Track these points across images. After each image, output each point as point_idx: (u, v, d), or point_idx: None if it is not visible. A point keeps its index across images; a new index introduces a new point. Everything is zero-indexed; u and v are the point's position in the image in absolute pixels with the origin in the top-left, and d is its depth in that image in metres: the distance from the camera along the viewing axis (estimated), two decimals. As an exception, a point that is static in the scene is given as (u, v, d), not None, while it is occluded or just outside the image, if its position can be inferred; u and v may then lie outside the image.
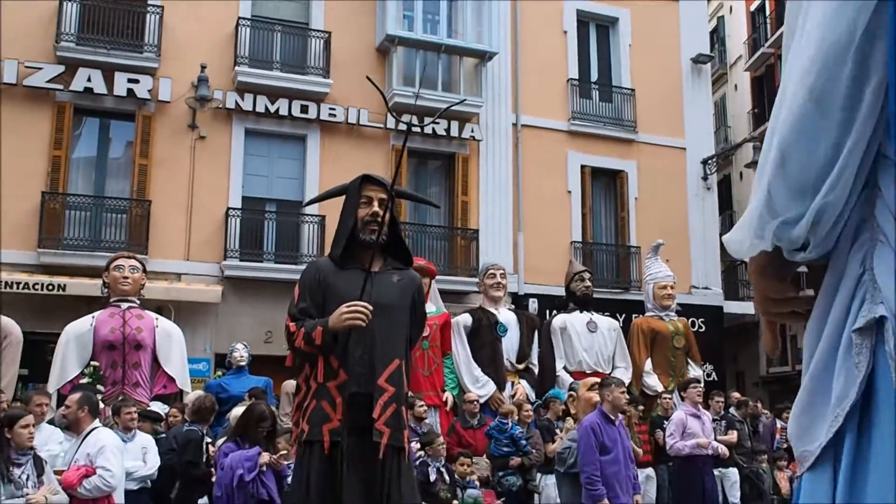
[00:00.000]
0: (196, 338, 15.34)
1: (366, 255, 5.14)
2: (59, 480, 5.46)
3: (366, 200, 5.23)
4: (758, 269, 1.58)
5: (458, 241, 18.85)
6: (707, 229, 21.84)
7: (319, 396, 4.91)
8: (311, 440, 4.82)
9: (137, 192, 16.77)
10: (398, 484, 4.91)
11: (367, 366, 4.93)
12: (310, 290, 5.12)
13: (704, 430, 8.57)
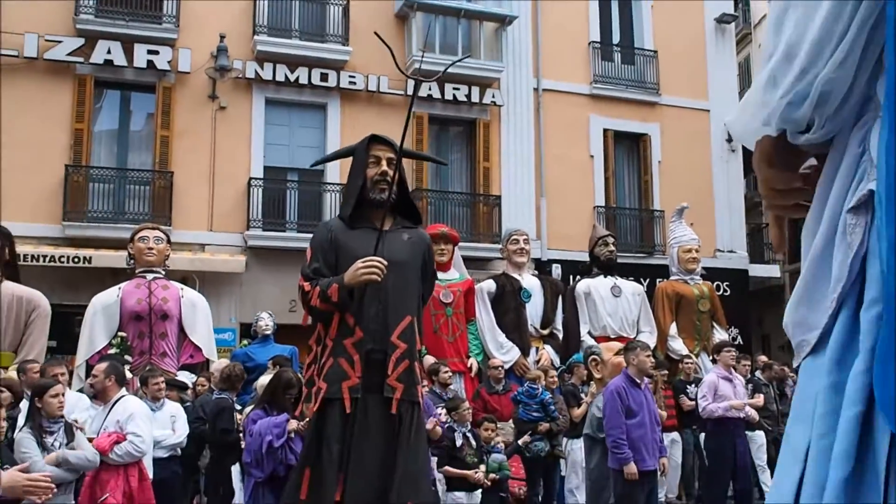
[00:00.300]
0: (221, 308, 15.44)
1: (376, 214, 5.20)
2: None
3: (374, 160, 5.26)
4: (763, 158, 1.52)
5: (480, 207, 18.79)
6: (732, 192, 21.64)
7: (336, 354, 4.96)
8: (331, 398, 4.88)
9: (160, 164, 16.82)
10: (411, 438, 4.97)
11: (382, 323, 5.00)
12: (322, 251, 5.14)
13: (736, 393, 8.51)
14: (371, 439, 4.87)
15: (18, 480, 3.39)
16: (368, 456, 4.85)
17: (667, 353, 11.65)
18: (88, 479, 5.58)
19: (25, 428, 5.02)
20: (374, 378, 4.91)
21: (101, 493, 5.56)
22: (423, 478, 5.11)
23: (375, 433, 4.88)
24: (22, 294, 7.94)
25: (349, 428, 4.86)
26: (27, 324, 7.93)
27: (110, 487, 5.61)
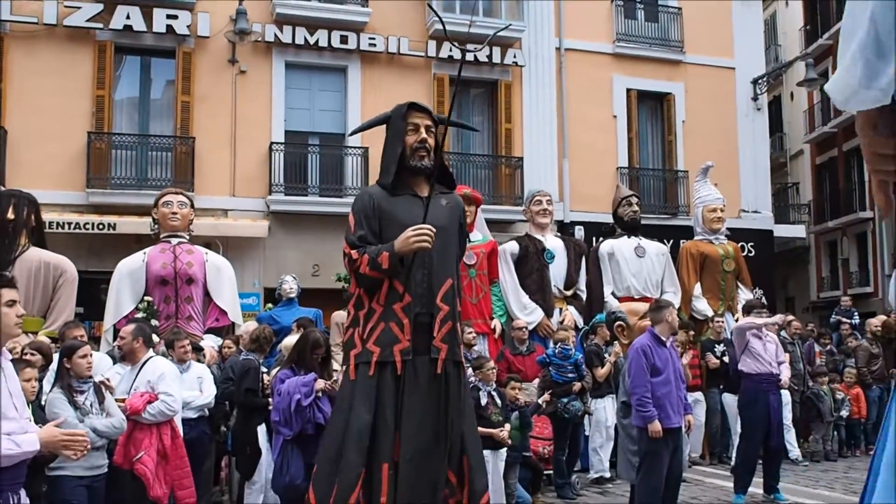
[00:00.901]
0: (244, 273, 15.52)
1: (415, 180, 5.38)
2: (124, 407, 5.59)
3: (413, 128, 5.38)
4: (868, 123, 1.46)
5: (502, 169, 18.70)
6: (757, 152, 21.39)
7: (386, 319, 5.10)
8: (383, 361, 5.03)
9: (181, 130, 16.84)
10: (458, 397, 5.17)
11: (427, 286, 5.16)
12: (366, 218, 5.27)
13: (767, 351, 8.44)
14: (421, 399, 5.03)
15: (56, 435, 3.43)
16: (419, 415, 5.00)
17: (691, 314, 11.61)
18: (122, 437, 5.65)
19: (56, 388, 5.07)
20: (421, 340, 5.08)
21: (135, 452, 5.64)
22: (472, 435, 5.28)
23: (424, 393, 5.04)
24: (49, 260, 8.02)
25: (401, 390, 5.02)
26: (55, 289, 8.02)
27: (144, 446, 5.69)
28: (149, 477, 5.61)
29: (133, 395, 5.70)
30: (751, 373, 8.34)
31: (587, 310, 10.98)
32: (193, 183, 16.14)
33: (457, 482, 5.11)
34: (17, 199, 8.00)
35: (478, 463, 5.21)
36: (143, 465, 5.62)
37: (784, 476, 9.24)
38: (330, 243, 16.82)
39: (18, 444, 3.24)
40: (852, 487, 9.14)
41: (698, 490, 9.01)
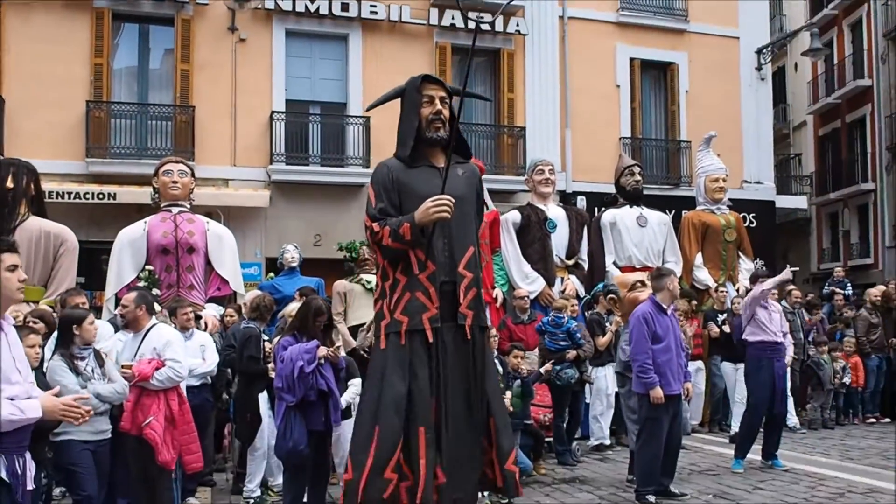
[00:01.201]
0: (246, 242, 15.52)
1: (431, 152, 5.49)
2: (130, 374, 5.61)
3: (428, 100, 5.49)
4: None
5: (504, 139, 18.63)
6: (760, 122, 21.29)
7: (412, 289, 5.27)
8: (412, 329, 5.19)
9: (181, 99, 16.75)
10: (484, 361, 5.36)
11: (449, 255, 5.32)
12: (385, 191, 5.42)
13: (772, 320, 8.44)
14: (452, 365, 5.22)
15: (55, 404, 3.44)
16: (453, 380, 5.20)
17: (692, 283, 11.62)
18: (130, 404, 5.68)
19: (56, 356, 5.08)
20: (447, 308, 5.25)
21: (143, 418, 5.67)
22: (497, 397, 5.48)
23: (455, 359, 5.24)
24: (49, 229, 8.01)
25: (431, 356, 5.19)
26: (55, 258, 8.02)
27: (153, 411, 5.71)
28: (158, 442, 5.65)
29: (140, 362, 5.72)
30: (756, 341, 8.36)
31: (589, 279, 10.99)
32: (194, 152, 16.08)
33: (486, 443, 5.29)
34: (17, 167, 7.99)
35: (504, 424, 5.37)
36: (152, 430, 5.66)
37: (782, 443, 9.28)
38: (332, 213, 16.84)
39: (22, 409, 3.26)
40: (849, 454, 9.21)
41: (697, 457, 9.07)
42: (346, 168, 17.25)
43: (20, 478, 3.32)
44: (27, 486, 3.39)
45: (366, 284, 10.12)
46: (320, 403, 5.97)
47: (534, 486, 7.54)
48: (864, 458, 8.91)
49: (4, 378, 3.23)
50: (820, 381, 11.38)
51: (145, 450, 5.70)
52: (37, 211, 8.05)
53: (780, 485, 7.50)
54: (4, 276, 3.38)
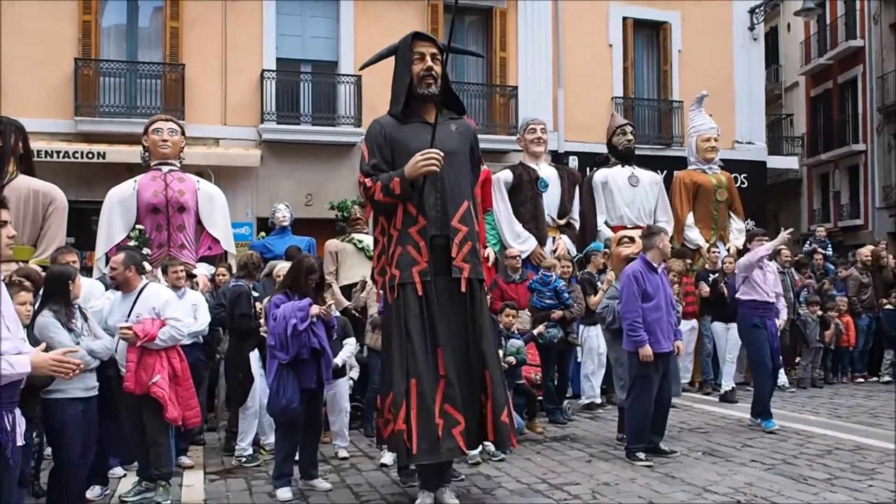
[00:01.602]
0: (237, 202, 15.45)
1: (424, 108, 5.62)
2: (132, 335, 5.65)
3: (418, 57, 5.60)
4: None
5: (496, 98, 18.52)
6: (752, 82, 21.18)
7: (403, 243, 5.45)
8: (404, 283, 5.38)
9: (170, 57, 16.56)
10: (481, 313, 5.50)
11: (441, 209, 5.46)
12: (378, 147, 5.56)
13: (766, 280, 8.46)
14: (448, 317, 5.38)
15: (45, 359, 3.44)
16: (451, 332, 5.37)
17: (683, 243, 11.64)
18: (133, 364, 5.71)
19: (46, 312, 5.05)
20: (441, 261, 5.41)
21: (147, 377, 5.72)
22: (492, 352, 5.59)
23: (451, 311, 5.40)
24: (38, 188, 7.94)
25: (425, 308, 5.34)
26: (45, 217, 7.96)
27: (157, 370, 5.76)
28: (166, 399, 5.73)
29: (144, 322, 5.73)
30: (748, 300, 8.39)
31: (580, 239, 11.00)
32: (184, 111, 15.94)
33: (482, 396, 5.44)
34: (4, 126, 7.90)
35: (499, 378, 5.50)
36: (160, 388, 5.73)
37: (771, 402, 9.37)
38: (323, 172, 16.76)
39: (12, 364, 3.25)
40: (836, 412, 9.31)
41: (687, 415, 9.16)
42: (338, 127, 17.14)
43: (9, 434, 3.32)
44: (17, 443, 3.38)
45: (357, 244, 10.12)
46: (312, 361, 5.98)
47: (525, 444, 7.61)
48: (852, 417, 9.01)
49: (-5, 334, 3.23)
50: (805, 340, 11.46)
51: (149, 408, 5.77)
52: (25, 170, 7.97)
53: (768, 442, 7.58)
54: (-6, 232, 3.35)
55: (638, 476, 6.36)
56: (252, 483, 6.46)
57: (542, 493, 5.89)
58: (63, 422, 5.05)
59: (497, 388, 5.41)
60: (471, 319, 5.43)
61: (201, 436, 8.02)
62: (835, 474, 6.28)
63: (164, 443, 5.95)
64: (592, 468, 6.69)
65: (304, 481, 6.21)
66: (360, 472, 6.69)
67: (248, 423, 7.15)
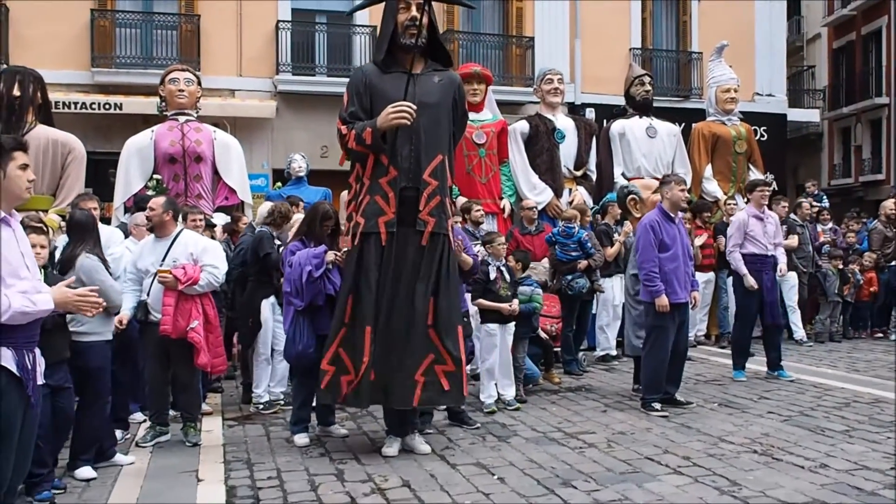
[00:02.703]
0: (253, 154, 15.41)
1: (407, 58, 5.58)
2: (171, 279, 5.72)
3: (404, 6, 5.58)
4: None
5: (512, 49, 18.32)
6: (773, 34, 20.85)
7: (373, 192, 5.48)
8: (368, 232, 5.43)
9: (186, 7, 16.47)
10: (447, 261, 5.55)
11: (414, 161, 5.47)
12: (357, 95, 5.58)
13: (767, 232, 8.41)
14: (405, 269, 5.42)
15: (69, 295, 3.46)
16: (403, 284, 5.41)
17: (701, 195, 11.55)
18: (171, 308, 5.77)
19: (89, 254, 5.10)
20: (408, 213, 5.43)
21: (185, 322, 5.80)
22: (453, 305, 5.62)
23: (409, 263, 5.43)
24: (57, 137, 7.96)
25: (385, 259, 5.40)
26: (63, 167, 7.99)
27: (194, 316, 5.85)
28: (203, 344, 5.84)
29: (184, 266, 5.81)
30: (745, 253, 8.34)
31: (597, 190, 10.93)
32: (200, 62, 15.89)
33: (444, 351, 5.49)
34: (23, 76, 7.90)
35: (457, 336, 5.55)
36: (197, 333, 5.83)
37: (788, 355, 9.39)
38: (338, 125, 16.67)
39: (34, 301, 3.28)
40: (854, 366, 9.28)
41: (703, 368, 9.16)
42: (353, 79, 17.02)
43: (30, 372, 3.36)
44: (37, 381, 3.43)
45: (373, 194, 10.12)
46: (327, 308, 5.99)
47: (541, 394, 7.66)
48: (870, 370, 8.98)
49: (13, 273, 3.24)
50: (825, 293, 11.39)
51: (181, 353, 5.88)
52: (44, 120, 7.98)
53: (785, 394, 7.58)
54: (16, 173, 3.36)
55: (653, 426, 6.39)
56: (269, 429, 6.53)
57: (557, 442, 5.93)
58: (100, 364, 5.20)
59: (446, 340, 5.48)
60: (429, 271, 5.46)
61: (219, 384, 8.11)
62: (853, 426, 6.28)
63: (196, 387, 6.13)
64: (608, 418, 6.72)
65: (322, 427, 6.27)
66: (375, 419, 6.74)
67: (261, 369, 7.21)
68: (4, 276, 3.20)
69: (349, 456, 5.65)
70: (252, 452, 5.79)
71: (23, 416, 3.33)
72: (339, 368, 5.49)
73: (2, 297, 3.16)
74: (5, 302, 3.17)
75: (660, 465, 5.25)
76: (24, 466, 3.44)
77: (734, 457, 5.42)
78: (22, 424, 3.32)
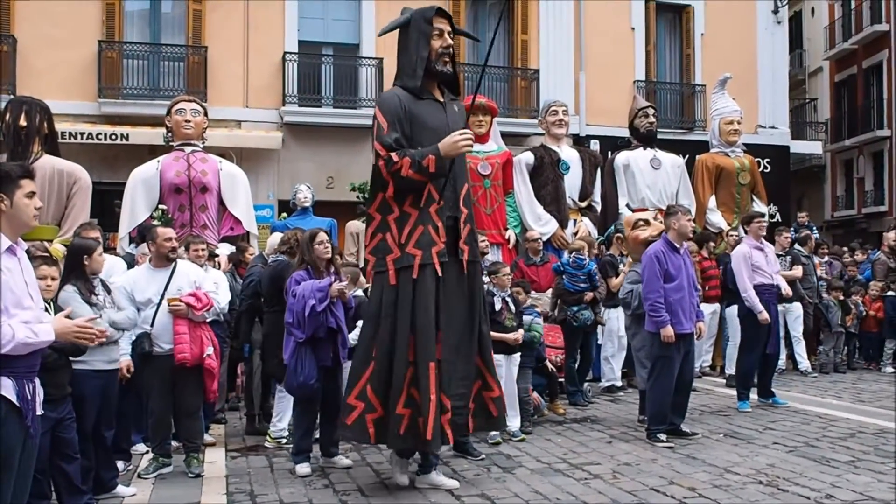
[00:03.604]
0: (259, 184, 15.51)
1: (432, 85, 5.58)
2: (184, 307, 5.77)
3: (438, 32, 5.55)
4: None
5: (518, 81, 18.44)
6: (776, 66, 20.97)
7: (424, 222, 5.35)
8: (424, 263, 5.28)
9: (193, 39, 16.62)
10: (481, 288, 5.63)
11: (452, 190, 5.46)
12: (398, 121, 5.42)
13: (768, 261, 8.42)
14: (455, 298, 5.38)
15: (68, 326, 3.46)
16: (455, 313, 5.37)
17: (705, 226, 11.56)
18: (185, 336, 5.81)
19: (69, 286, 5.09)
20: (451, 242, 5.42)
21: (199, 350, 5.86)
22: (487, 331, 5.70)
23: (457, 293, 5.40)
24: (63, 167, 7.97)
25: (440, 290, 5.31)
26: (69, 197, 7.99)
27: (206, 343, 5.92)
28: (217, 371, 5.95)
29: (194, 293, 5.87)
30: (755, 284, 8.33)
31: (602, 221, 10.96)
32: (206, 93, 16.00)
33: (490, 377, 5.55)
34: (30, 105, 7.93)
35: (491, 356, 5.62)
36: (212, 359, 5.92)
37: (793, 386, 9.38)
38: (345, 155, 16.78)
39: (36, 332, 3.26)
40: (859, 397, 9.23)
41: (708, 399, 9.12)
42: (359, 110, 17.14)
43: (30, 402, 3.33)
44: (36, 411, 3.41)
45: (379, 225, 10.13)
46: (329, 340, 5.99)
47: (545, 426, 7.62)
48: (875, 401, 8.93)
49: (17, 303, 3.24)
50: (828, 324, 11.35)
51: (189, 380, 5.92)
52: (50, 150, 8.00)
53: (791, 425, 7.54)
54: (23, 202, 3.38)
55: (659, 457, 6.35)
56: (273, 460, 6.50)
57: (562, 473, 5.90)
58: (83, 393, 5.03)
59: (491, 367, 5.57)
60: (471, 299, 5.45)
61: (223, 414, 8.08)
62: (858, 457, 6.24)
63: (199, 415, 6.15)
64: (613, 449, 6.69)
65: (325, 458, 6.24)
66: (380, 450, 6.71)
67: (286, 402, 6.93)
68: (8, 305, 3.20)
69: (353, 487, 5.63)
70: (255, 484, 5.77)
71: (22, 447, 3.31)
72: (367, 406, 5.30)
73: (4, 328, 3.16)
74: (8, 332, 3.16)
75: (665, 497, 5.22)
76: (21, 497, 3.39)
77: (740, 488, 5.38)
78: (21, 454, 3.31)
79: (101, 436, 5.33)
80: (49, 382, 3.53)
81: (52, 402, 4.25)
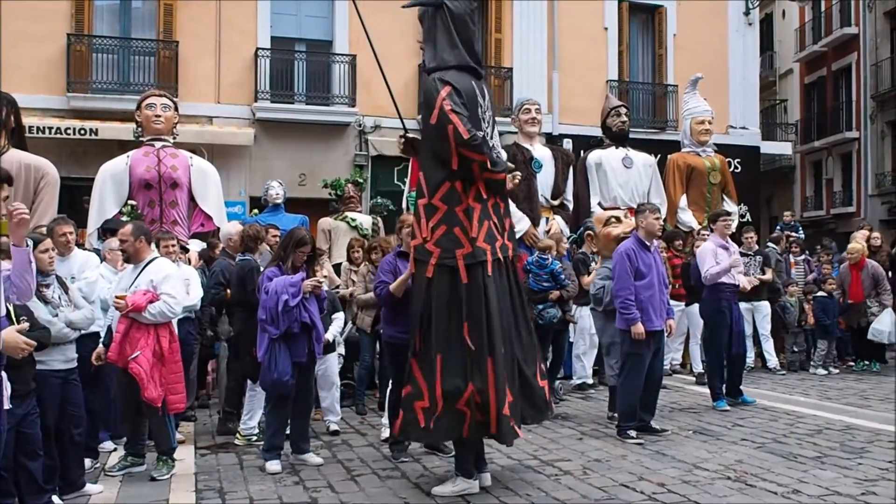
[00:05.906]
0: (230, 181, 15.34)
1: None
2: (123, 304, 5.59)
3: None
4: None
5: (491, 80, 18.42)
6: (747, 68, 21.14)
7: (487, 217, 5.21)
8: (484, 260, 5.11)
9: (164, 34, 16.45)
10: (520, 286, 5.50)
11: None
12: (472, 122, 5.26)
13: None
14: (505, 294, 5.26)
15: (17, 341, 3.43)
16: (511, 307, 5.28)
17: (676, 225, 11.65)
18: (119, 336, 5.67)
19: None
20: None
21: (131, 351, 5.63)
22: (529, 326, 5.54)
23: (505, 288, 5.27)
24: (30, 162, 7.85)
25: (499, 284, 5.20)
26: (36, 192, 7.87)
27: (140, 346, 5.65)
28: (143, 377, 5.57)
29: (136, 293, 5.67)
30: (715, 283, 8.40)
31: (574, 220, 11.00)
32: (177, 89, 15.82)
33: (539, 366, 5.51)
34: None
35: None
36: (138, 364, 5.59)
37: (762, 384, 9.45)
38: (317, 152, 16.71)
39: None
40: (827, 394, 9.34)
41: (678, 396, 9.19)
42: (332, 107, 17.09)
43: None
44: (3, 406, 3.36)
45: (350, 222, 10.14)
46: (303, 335, 5.96)
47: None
48: (842, 398, 9.04)
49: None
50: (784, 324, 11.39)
51: (133, 383, 5.67)
52: (17, 144, 7.89)
53: (759, 422, 7.61)
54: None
55: (629, 453, 6.39)
56: (243, 458, 6.47)
57: (532, 469, 5.91)
58: (42, 393, 4.88)
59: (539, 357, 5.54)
60: (519, 293, 5.39)
61: (192, 412, 8.01)
62: (825, 452, 6.31)
63: (157, 422, 5.82)
64: (583, 445, 6.72)
65: (296, 455, 6.22)
66: (351, 447, 6.70)
67: (257, 400, 6.90)
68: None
69: (323, 484, 5.61)
70: (224, 481, 5.73)
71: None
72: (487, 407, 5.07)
73: None
74: None
75: (635, 492, 5.25)
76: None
77: (708, 483, 5.42)
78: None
79: (70, 434, 5.23)
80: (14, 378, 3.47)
81: (17, 397, 4.18)
